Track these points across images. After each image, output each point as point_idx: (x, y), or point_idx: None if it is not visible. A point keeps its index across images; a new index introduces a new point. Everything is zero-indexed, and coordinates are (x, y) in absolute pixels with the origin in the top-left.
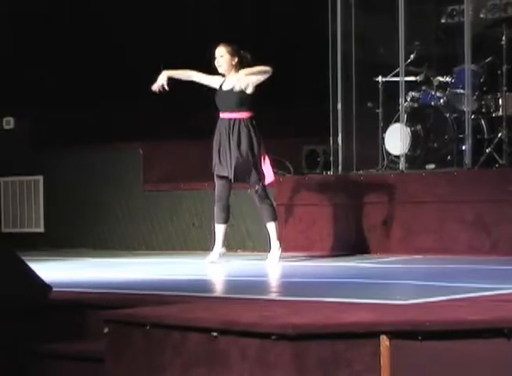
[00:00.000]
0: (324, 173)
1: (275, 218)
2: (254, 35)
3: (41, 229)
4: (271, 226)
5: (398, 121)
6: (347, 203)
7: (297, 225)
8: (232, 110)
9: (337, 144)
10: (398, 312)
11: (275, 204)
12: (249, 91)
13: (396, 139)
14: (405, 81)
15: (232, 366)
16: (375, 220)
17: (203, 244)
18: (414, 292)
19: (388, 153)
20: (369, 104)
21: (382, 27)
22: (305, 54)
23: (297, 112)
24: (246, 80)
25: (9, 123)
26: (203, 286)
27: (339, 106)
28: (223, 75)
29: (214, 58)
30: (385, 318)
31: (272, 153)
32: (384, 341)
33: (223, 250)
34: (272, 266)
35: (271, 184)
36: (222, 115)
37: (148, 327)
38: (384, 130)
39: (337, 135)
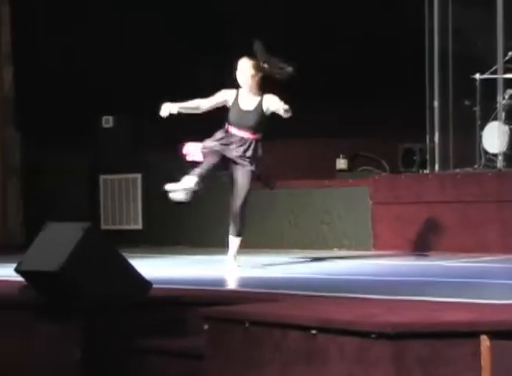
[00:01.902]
0: (421, 172)
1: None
2: (349, 32)
3: (140, 227)
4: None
5: (495, 118)
6: (444, 201)
7: (393, 223)
8: (247, 129)
9: (434, 142)
10: (497, 311)
11: (370, 202)
12: (267, 113)
13: (494, 137)
14: (504, 79)
15: (330, 364)
16: (472, 219)
17: (300, 243)
18: None
19: (486, 152)
20: (467, 102)
21: (480, 23)
22: (402, 50)
23: (393, 110)
24: (275, 106)
25: (108, 121)
26: (302, 284)
27: (435, 103)
28: (235, 87)
29: (235, 69)
30: (485, 318)
31: (368, 151)
32: (485, 341)
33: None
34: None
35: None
36: (235, 131)
37: (247, 325)
38: (482, 128)
39: (434, 134)
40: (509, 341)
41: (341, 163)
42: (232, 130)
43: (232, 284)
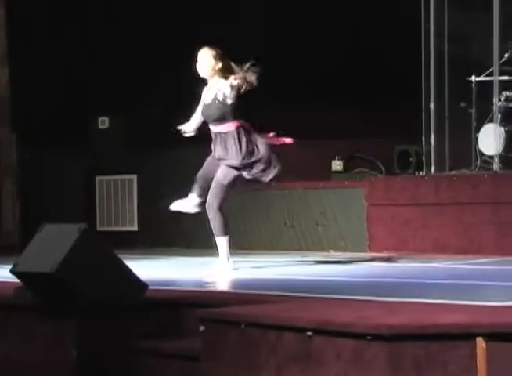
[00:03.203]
0: (416, 173)
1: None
2: (345, 34)
3: (135, 228)
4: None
5: (491, 120)
6: (439, 203)
7: (388, 225)
8: (217, 122)
9: (430, 144)
10: (494, 314)
11: (366, 204)
12: (229, 100)
13: (490, 139)
14: (499, 81)
15: (326, 366)
16: (468, 221)
17: (295, 244)
18: (509, 294)
19: (482, 154)
20: (462, 104)
21: (476, 26)
22: (397, 53)
23: (389, 112)
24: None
25: (104, 123)
26: (297, 285)
27: (431, 105)
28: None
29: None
30: (481, 320)
31: (364, 153)
32: (481, 343)
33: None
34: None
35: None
36: (211, 128)
37: (243, 326)
38: (478, 130)
39: (430, 135)
40: (505, 343)
41: (337, 164)
42: (210, 127)
43: (228, 286)
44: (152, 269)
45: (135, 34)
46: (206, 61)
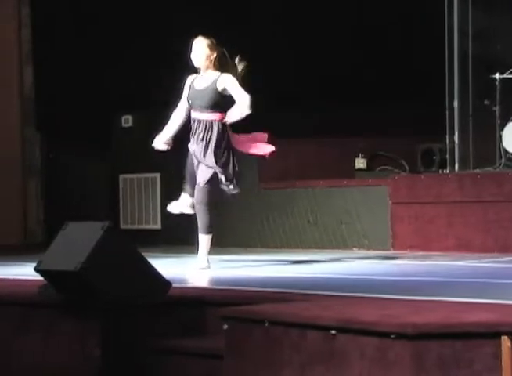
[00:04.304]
0: (440, 171)
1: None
2: (368, 32)
3: (158, 226)
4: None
5: None
6: (463, 201)
7: (412, 223)
8: (204, 109)
9: (454, 142)
10: None
11: (390, 202)
12: (224, 93)
13: None
14: None
15: (350, 365)
16: (492, 219)
17: (319, 242)
18: None
19: (506, 151)
20: (486, 102)
21: (500, 23)
22: (421, 51)
23: (413, 110)
24: (230, 88)
25: (127, 121)
26: (321, 284)
27: (455, 103)
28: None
29: (191, 50)
30: (506, 318)
31: (387, 151)
32: (506, 342)
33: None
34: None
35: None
36: (194, 115)
37: (266, 324)
38: (502, 128)
39: (454, 133)
40: None
41: (360, 162)
42: (192, 114)
43: (251, 284)
44: (175, 268)
45: (159, 32)
46: (201, 50)
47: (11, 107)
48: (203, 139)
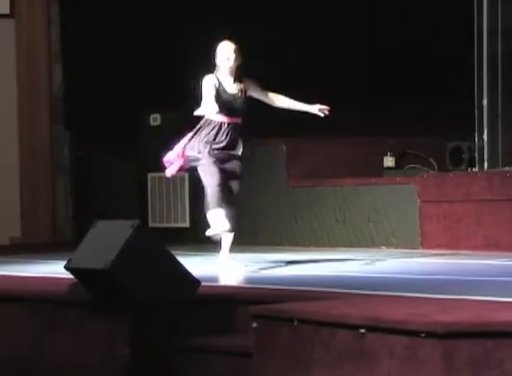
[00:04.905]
0: (469, 170)
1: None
2: (396, 31)
3: (187, 225)
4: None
5: None
6: (492, 200)
7: (441, 222)
8: (238, 116)
9: (483, 140)
10: None
11: (418, 201)
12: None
13: None
14: None
15: (379, 363)
16: None
17: (347, 241)
18: None
19: None
20: None
21: None
22: (450, 49)
23: (442, 108)
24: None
25: (156, 120)
26: (349, 282)
27: (484, 101)
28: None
29: (223, 53)
30: None
31: (416, 149)
32: None
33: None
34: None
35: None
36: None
37: (296, 323)
38: None
39: (483, 132)
40: None
41: (389, 161)
42: (224, 118)
43: (280, 282)
44: (204, 266)
45: (190, 31)
46: (236, 54)
47: (40, 106)
48: (228, 139)
